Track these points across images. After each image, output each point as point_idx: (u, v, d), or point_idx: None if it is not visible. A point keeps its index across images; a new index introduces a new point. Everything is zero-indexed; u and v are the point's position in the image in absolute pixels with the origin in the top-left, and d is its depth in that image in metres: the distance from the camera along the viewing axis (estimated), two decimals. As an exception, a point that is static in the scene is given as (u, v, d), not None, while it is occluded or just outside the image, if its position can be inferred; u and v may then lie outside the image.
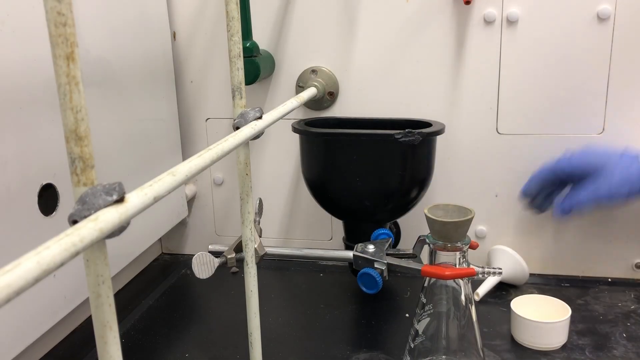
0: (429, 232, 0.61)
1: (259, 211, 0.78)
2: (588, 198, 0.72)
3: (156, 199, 0.35)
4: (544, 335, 0.72)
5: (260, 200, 0.79)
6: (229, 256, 0.72)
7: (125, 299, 0.88)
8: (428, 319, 0.62)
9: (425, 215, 0.60)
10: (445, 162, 0.91)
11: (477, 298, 0.83)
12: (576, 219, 0.90)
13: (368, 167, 0.82)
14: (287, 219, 1.01)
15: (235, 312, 0.81)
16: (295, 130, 0.86)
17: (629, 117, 0.86)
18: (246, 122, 0.54)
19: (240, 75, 0.55)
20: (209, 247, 0.78)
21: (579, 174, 0.76)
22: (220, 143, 0.47)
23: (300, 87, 0.94)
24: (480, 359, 0.63)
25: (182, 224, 1.03)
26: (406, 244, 0.88)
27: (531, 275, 0.91)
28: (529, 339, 0.72)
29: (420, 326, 0.62)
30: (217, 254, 0.72)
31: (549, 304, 0.75)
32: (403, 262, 0.70)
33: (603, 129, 0.87)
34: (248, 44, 0.87)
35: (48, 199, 0.65)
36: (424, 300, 0.62)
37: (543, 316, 0.73)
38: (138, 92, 0.85)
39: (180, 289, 0.93)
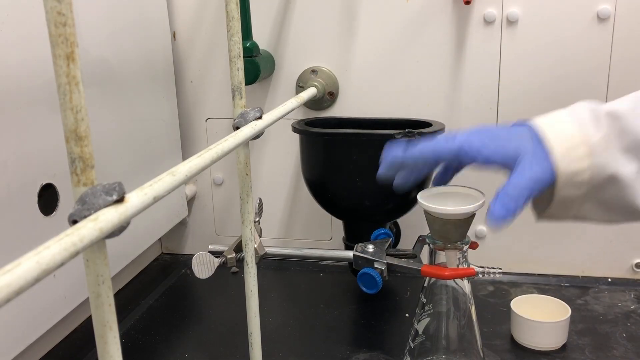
0: (429, 232, 0.61)
1: (259, 211, 0.78)
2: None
3: (156, 199, 0.35)
4: (544, 335, 0.72)
5: (260, 200, 0.79)
6: (229, 256, 0.72)
7: (125, 299, 0.88)
8: (428, 319, 0.62)
9: (425, 213, 0.60)
10: (445, 162, 0.91)
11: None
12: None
13: (368, 167, 0.81)
14: (287, 219, 1.01)
15: (235, 312, 0.81)
16: (295, 130, 0.86)
17: (629, 117, 0.86)
18: (246, 122, 0.54)
19: (240, 75, 0.55)
20: (209, 247, 0.77)
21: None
22: (220, 143, 0.47)
23: (300, 87, 0.94)
24: (480, 359, 0.63)
25: (182, 224, 1.03)
26: (406, 244, 0.88)
27: (531, 275, 0.92)
28: (528, 339, 0.72)
29: (420, 326, 0.62)
30: (217, 254, 0.71)
31: (549, 304, 0.75)
32: (403, 262, 0.70)
33: (603, 129, 0.87)
34: (248, 44, 0.87)
35: (48, 199, 0.65)
36: (424, 300, 0.62)
37: (543, 316, 0.73)
38: (138, 92, 0.85)
39: (180, 289, 0.93)
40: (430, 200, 0.59)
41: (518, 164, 0.54)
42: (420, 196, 0.59)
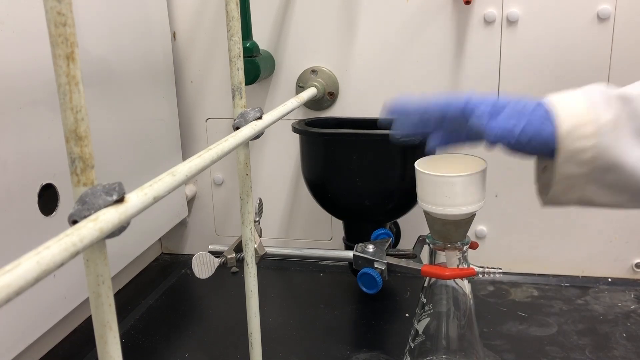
0: (429, 232, 0.61)
1: (259, 211, 0.78)
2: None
3: (156, 199, 0.35)
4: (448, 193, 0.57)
5: (260, 200, 0.79)
6: (229, 256, 0.72)
7: (125, 299, 0.88)
8: (428, 319, 0.62)
9: (425, 214, 0.60)
10: (445, 162, 0.91)
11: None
12: (579, 218, 0.90)
13: (368, 167, 0.82)
14: (287, 219, 1.01)
15: (235, 312, 0.81)
16: (295, 130, 0.86)
17: (629, 117, 0.86)
18: (246, 122, 0.54)
19: (240, 75, 0.55)
20: (209, 247, 0.78)
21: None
22: (220, 143, 0.47)
23: (300, 87, 0.94)
24: (480, 359, 0.63)
25: (182, 224, 1.03)
26: (406, 244, 0.88)
27: (531, 275, 0.91)
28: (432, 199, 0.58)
29: (420, 326, 0.62)
30: (217, 254, 0.71)
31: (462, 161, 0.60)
32: (403, 262, 0.70)
33: (603, 129, 0.87)
34: (248, 44, 0.87)
35: (48, 199, 0.65)
36: (424, 300, 0.62)
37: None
38: (138, 92, 0.85)
39: (180, 289, 0.93)
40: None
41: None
42: None
